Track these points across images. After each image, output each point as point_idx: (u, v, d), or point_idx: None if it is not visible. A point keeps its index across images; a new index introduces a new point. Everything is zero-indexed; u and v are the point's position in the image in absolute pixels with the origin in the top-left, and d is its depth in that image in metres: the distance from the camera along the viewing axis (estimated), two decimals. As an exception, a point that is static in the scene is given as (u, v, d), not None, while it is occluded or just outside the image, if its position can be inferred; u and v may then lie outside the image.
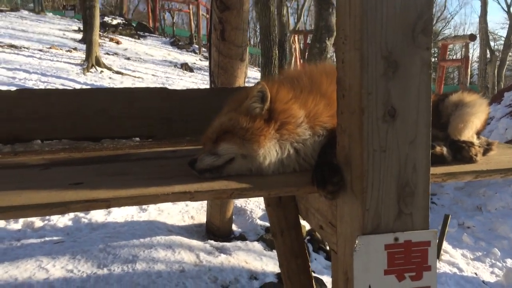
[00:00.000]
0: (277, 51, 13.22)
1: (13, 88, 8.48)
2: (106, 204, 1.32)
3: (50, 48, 14.89)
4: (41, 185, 1.45)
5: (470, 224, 6.17)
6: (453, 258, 5.24)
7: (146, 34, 24.52)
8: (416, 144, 1.27)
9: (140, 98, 2.51)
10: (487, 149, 1.80)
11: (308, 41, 21.09)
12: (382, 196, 1.28)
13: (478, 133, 1.85)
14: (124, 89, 2.67)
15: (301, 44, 23.40)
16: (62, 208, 1.28)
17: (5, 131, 2.23)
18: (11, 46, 13.96)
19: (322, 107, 1.64)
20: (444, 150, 1.68)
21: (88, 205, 1.30)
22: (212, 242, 4.64)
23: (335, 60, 1.44)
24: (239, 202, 5.61)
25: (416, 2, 1.23)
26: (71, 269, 3.65)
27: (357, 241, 1.28)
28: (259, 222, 5.35)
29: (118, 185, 1.43)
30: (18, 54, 13.12)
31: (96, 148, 2.16)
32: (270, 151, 1.54)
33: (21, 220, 4.54)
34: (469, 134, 1.76)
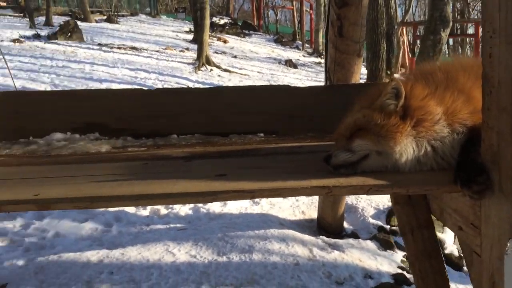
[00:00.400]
0: (384, 45, 12.78)
1: (136, 87, 9.26)
2: (251, 195, 1.42)
3: (166, 49, 16.01)
4: (190, 175, 1.60)
5: None
6: None
7: (251, 32, 25.14)
8: None
9: (263, 96, 2.63)
10: None
11: (418, 33, 20.04)
12: (536, 197, 1.21)
13: None
14: (249, 87, 2.81)
15: (410, 37, 22.32)
16: (212, 197, 1.41)
17: (147, 126, 2.49)
18: (133, 48, 15.27)
19: (461, 104, 1.58)
20: None
21: (236, 195, 1.41)
22: (324, 238, 4.63)
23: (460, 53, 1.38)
24: (350, 200, 5.55)
25: None
26: (194, 254, 3.89)
27: (508, 244, 1.23)
28: (371, 220, 5.24)
29: (259, 177, 1.52)
30: (138, 55, 14.31)
31: (226, 142, 2.32)
32: (406, 148, 1.53)
33: (149, 208, 4.96)
34: None
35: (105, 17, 22.09)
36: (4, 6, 22.69)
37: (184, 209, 5.01)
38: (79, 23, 16.91)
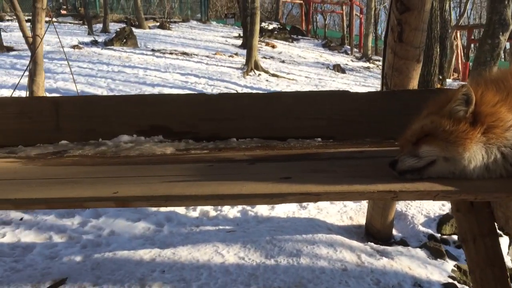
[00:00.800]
0: (438, 49, 12.44)
1: (187, 91, 9.53)
2: (317, 197, 1.45)
3: (215, 54, 16.34)
4: (256, 177, 1.65)
5: None
6: None
7: (299, 37, 25.19)
8: None
9: (320, 101, 2.65)
10: None
11: (473, 37, 19.35)
12: None
13: None
14: (307, 92, 2.85)
15: (464, 41, 21.60)
16: (280, 198, 1.45)
17: (208, 129, 2.57)
18: (184, 53, 15.69)
19: (534, 111, 1.55)
20: None
21: (302, 198, 1.45)
22: (372, 244, 4.59)
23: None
24: (400, 207, 5.45)
25: None
26: (242, 256, 3.96)
27: None
28: (421, 228, 5.13)
29: (323, 181, 1.55)
30: (189, 60, 14.69)
31: (285, 146, 2.36)
32: (475, 155, 1.51)
33: (198, 209, 5.09)
34: None
35: (158, 23, 22.83)
36: (65, 14, 23.95)
37: (232, 212, 5.10)
38: (133, 29, 17.59)
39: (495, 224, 1.94)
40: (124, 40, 15.81)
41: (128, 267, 3.60)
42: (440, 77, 14.13)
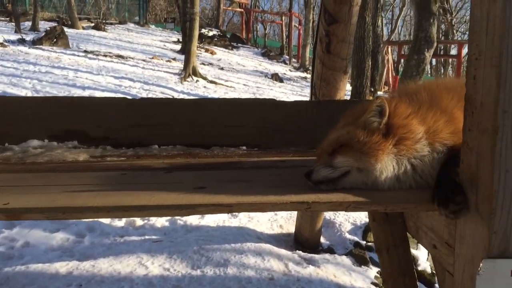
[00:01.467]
0: (370, 62, 12.98)
1: (120, 95, 9.17)
2: (229, 209, 1.40)
3: (152, 58, 15.97)
4: (168, 187, 1.57)
5: None
6: None
7: (239, 45, 25.28)
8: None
9: (248, 108, 2.62)
10: None
11: (402, 52, 20.41)
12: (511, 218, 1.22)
13: None
14: (234, 99, 2.80)
15: (394, 56, 22.75)
16: (190, 210, 1.38)
17: (129, 136, 2.45)
18: (119, 56, 15.19)
19: (443, 124, 1.60)
20: None
21: (213, 209, 1.39)
22: (300, 252, 4.64)
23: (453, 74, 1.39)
24: (328, 215, 5.55)
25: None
26: (168, 267, 3.83)
27: (481, 265, 1.23)
28: (348, 236, 5.26)
29: (239, 191, 1.50)
30: (124, 63, 14.23)
31: (208, 155, 2.29)
32: (387, 166, 1.53)
33: (124, 218, 4.88)
34: None
35: (92, 24, 21.98)
36: (-10, 9, 22.44)
37: (160, 221, 4.94)
38: (66, 29, 16.79)
39: (407, 234, 2.00)
40: (55, 40, 15.03)
41: (41, 281, 3.35)
42: (372, 89, 14.74)
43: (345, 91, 3.65)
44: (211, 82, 13.95)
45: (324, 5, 3.08)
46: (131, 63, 14.46)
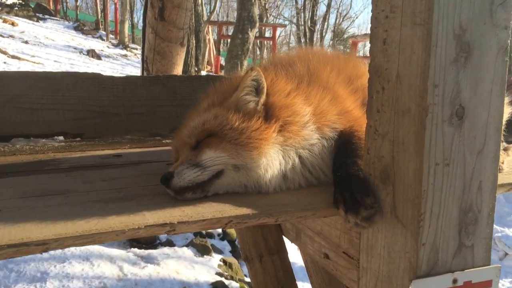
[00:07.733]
0: (194, 41, 12.69)
1: None
2: (43, 248, 0.84)
3: None
4: None
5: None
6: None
7: (46, 16, 22.60)
8: (484, 154, 0.96)
9: (64, 85, 1.95)
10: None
11: (223, 32, 20.72)
12: (442, 225, 0.95)
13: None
14: (43, 73, 2.09)
15: (215, 36, 23.05)
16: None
17: None
18: None
19: (328, 103, 1.27)
20: None
21: (15, 251, 0.81)
22: (135, 250, 4.17)
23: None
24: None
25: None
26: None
27: (411, 287, 0.94)
28: (187, 224, 4.93)
29: (56, 213, 0.94)
30: None
31: (6, 151, 1.59)
32: (273, 160, 1.13)
33: None
34: None
35: None
36: None
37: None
38: None
39: (283, 238, 1.67)
40: None
41: None
42: (196, 69, 14.55)
43: (182, 66, 3.20)
44: (13, 57, 11.94)
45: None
46: None
